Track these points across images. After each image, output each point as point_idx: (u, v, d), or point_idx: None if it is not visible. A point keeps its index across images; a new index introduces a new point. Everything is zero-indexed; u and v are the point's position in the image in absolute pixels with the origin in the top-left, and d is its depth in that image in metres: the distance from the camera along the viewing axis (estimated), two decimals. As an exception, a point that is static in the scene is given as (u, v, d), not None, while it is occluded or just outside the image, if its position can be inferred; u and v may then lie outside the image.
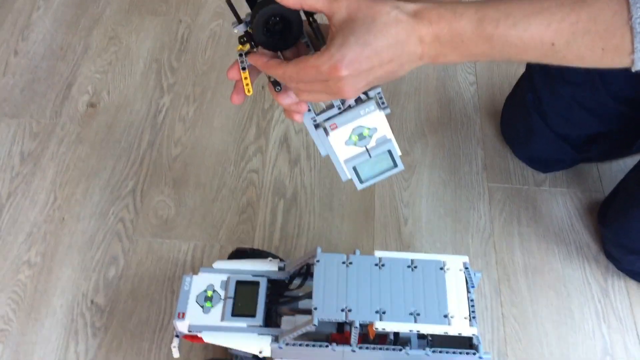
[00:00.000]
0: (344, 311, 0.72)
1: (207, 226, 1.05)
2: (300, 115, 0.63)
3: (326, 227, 1.05)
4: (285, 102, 0.61)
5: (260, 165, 1.13)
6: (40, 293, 0.96)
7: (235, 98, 0.62)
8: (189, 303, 0.77)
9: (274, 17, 0.56)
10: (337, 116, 0.64)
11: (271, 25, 0.56)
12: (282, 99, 0.61)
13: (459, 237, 1.04)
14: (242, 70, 0.60)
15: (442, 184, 1.10)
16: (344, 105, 0.63)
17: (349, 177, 0.67)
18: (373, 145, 0.65)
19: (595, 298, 0.97)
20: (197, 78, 1.25)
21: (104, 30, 1.32)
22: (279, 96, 0.61)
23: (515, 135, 1.12)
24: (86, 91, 1.22)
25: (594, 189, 1.09)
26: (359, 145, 0.65)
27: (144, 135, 1.16)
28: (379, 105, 0.63)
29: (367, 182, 0.67)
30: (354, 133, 0.64)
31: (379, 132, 0.64)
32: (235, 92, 0.62)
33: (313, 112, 0.64)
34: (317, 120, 0.64)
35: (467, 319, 0.72)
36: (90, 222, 1.04)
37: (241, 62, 0.60)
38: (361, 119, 0.63)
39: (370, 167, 0.66)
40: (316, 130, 0.65)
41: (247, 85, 0.61)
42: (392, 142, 0.65)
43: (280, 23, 0.56)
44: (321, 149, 0.66)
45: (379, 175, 0.67)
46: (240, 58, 0.60)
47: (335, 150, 0.65)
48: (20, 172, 1.10)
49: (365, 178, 0.67)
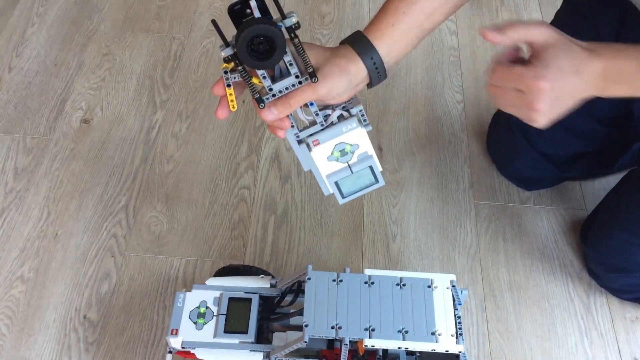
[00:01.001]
0: (334, 328, 0.74)
1: (199, 242, 1.06)
2: (283, 131, 0.65)
3: (316, 243, 1.07)
4: (269, 118, 0.63)
5: (252, 181, 1.14)
6: (34, 308, 0.97)
7: (220, 112, 0.64)
8: (182, 319, 0.78)
9: (258, 37, 0.56)
10: (319, 132, 0.65)
11: (255, 44, 0.57)
12: (266, 115, 0.62)
13: (446, 254, 1.06)
14: (227, 87, 0.62)
15: (430, 201, 1.13)
16: (326, 121, 0.65)
17: (331, 192, 0.68)
18: (355, 161, 0.67)
19: (578, 314, 1.00)
20: (189, 94, 1.27)
21: (97, 47, 1.34)
22: (262, 112, 0.62)
23: (500, 155, 1.14)
24: (80, 107, 1.24)
25: (577, 207, 1.12)
26: (341, 161, 0.67)
27: (137, 152, 1.17)
28: (361, 122, 0.66)
29: (348, 197, 0.69)
30: (336, 149, 0.66)
31: (360, 148, 0.66)
32: (220, 107, 0.64)
33: (296, 128, 0.65)
34: (300, 137, 0.66)
35: (454, 336, 0.74)
36: (83, 237, 1.06)
37: (226, 79, 0.61)
38: (343, 136, 0.65)
39: (352, 182, 0.68)
40: (299, 146, 0.66)
41: (232, 102, 0.63)
42: (374, 158, 0.67)
43: (265, 42, 0.57)
44: (304, 164, 0.67)
45: (361, 190, 0.69)
46: (225, 75, 0.61)
47: (317, 166, 0.66)
48: (13, 187, 1.11)
49: (347, 193, 0.68)
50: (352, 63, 0.64)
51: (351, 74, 0.64)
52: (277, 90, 0.62)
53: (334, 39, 1.37)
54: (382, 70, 0.66)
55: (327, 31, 1.39)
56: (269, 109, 0.62)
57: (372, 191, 1.11)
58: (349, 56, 0.64)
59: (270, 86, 0.61)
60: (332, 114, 0.65)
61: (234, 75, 0.61)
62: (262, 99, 0.61)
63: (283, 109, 0.62)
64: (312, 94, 0.62)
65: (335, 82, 0.63)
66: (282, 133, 0.65)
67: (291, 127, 0.65)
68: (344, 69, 0.63)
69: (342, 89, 0.64)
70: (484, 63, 1.34)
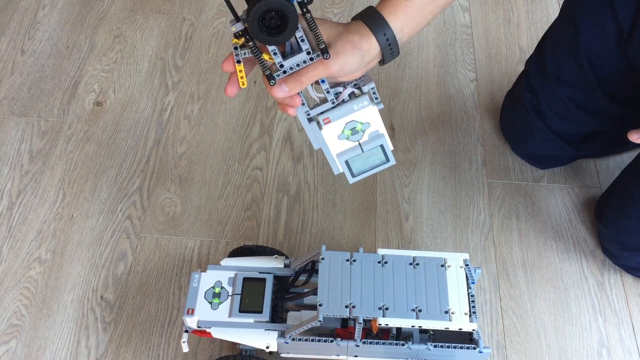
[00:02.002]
0: (348, 307, 0.75)
1: (213, 223, 1.07)
2: (294, 108, 0.64)
3: (329, 223, 1.07)
4: (279, 95, 0.62)
5: (264, 162, 1.15)
6: (51, 289, 0.99)
7: (230, 90, 0.64)
8: (197, 299, 0.79)
9: (270, 11, 0.55)
10: (330, 110, 0.65)
11: (267, 19, 0.56)
12: (276, 92, 0.62)
13: (459, 233, 1.06)
14: (237, 63, 0.61)
15: (443, 180, 1.13)
16: (337, 99, 0.65)
17: (341, 171, 0.67)
18: (365, 140, 0.66)
19: (592, 292, 1.00)
20: (201, 76, 1.27)
21: (109, 29, 1.34)
22: (273, 89, 0.62)
23: (513, 133, 1.14)
24: (92, 90, 1.24)
25: (592, 185, 1.12)
26: (352, 140, 0.66)
27: (150, 134, 1.18)
28: (372, 100, 0.65)
29: (359, 176, 0.68)
30: (347, 127, 0.65)
31: (371, 127, 0.66)
32: (230, 84, 0.63)
33: (307, 106, 0.65)
34: (310, 114, 0.65)
35: (468, 314, 0.75)
36: (98, 219, 1.07)
37: (236, 55, 0.60)
38: (354, 114, 0.64)
39: (362, 161, 0.67)
40: (309, 124, 0.66)
41: (241, 78, 0.62)
42: (385, 137, 0.66)
43: (276, 17, 0.56)
44: (314, 142, 0.67)
45: (371, 169, 0.68)
46: (236, 51, 0.60)
47: (328, 144, 0.66)
48: (29, 170, 1.12)
49: (357, 172, 0.67)
50: (364, 39, 0.63)
51: (364, 51, 0.63)
52: (288, 66, 0.61)
53: (345, 18, 1.36)
54: (395, 47, 0.65)
55: (338, 10, 1.37)
56: (280, 85, 0.61)
57: (385, 171, 1.12)
58: (361, 32, 0.63)
59: (281, 62, 0.61)
60: (344, 92, 0.65)
61: (244, 52, 0.60)
62: (273, 75, 0.61)
63: (294, 86, 0.62)
64: (324, 71, 0.61)
65: (347, 58, 0.62)
66: (293, 111, 0.64)
67: (302, 104, 0.65)
68: (357, 46, 0.62)
69: (355, 66, 0.63)
70: (496, 40, 1.33)
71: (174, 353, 0.93)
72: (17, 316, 0.96)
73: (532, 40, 1.32)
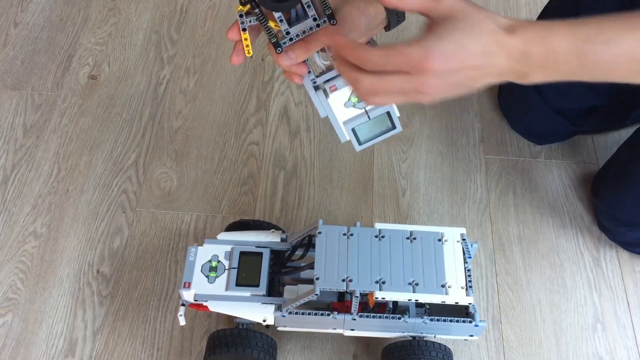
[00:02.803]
0: (345, 281, 0.75)
1: (209, 197, 1.07)
2: (300, 77, 0.63)
3: (326, 198, 1.07)
4: (286, 63, 0.61)
5: (261, 137, 1.14)
6: (47, 263, 0.99)
7: (235, 59, 0.62)
8: (194, 273, 0.79)
9: None
10: (336, 78, 0.64)
11: None
12: (283, 60, 0.61)
13: (456, 208, 1.06)
14: (243, 31, 0.60)
15: (440, 156, 1.12)
16: None
17: (348, 139, 0.67)
18: (372, 107, 0.65)
19: (587, 267, 1.00)
20: (197, 49, 1.26)
21: (103, 1, 1.32)
22: (279, 57, 0.60)
23: (512, 109, 1.13)
24: (87, 63, 1.23)
25: (589, 161, 1.11)
26: (358, 107, 0.65)
27: (145, 108, 1.17)
28: None
29: (365, 144, 0.67)
30: (353, 95, 0.64)
31: None
32: (235, 53, 0.62)
33: (313, 74, 0.64)
34: (317, 82, 0.64)
35: (464, 288, 0.75)
36: (94, 193, 1.06)
37: (241, 23, 0.59)
38: None
39: (368, 128, 0.66)
40: (316, 92, 0.65)
41: (247, 47, 0.61)
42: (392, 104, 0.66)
43: None
44: (320, 110, 0.66)
45: (378, 136, 0.67)
46: (241, 19, 0.59)
47: (334, 112, 0.65)
48: (23, 144, 1.11)
49: (364, 139, 0.67)
50: (371, 5, 0.62)
51: (370, 16, 0.62)
52: (294, 34, 0.60)
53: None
54: (402, 12, 0.64)
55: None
56: (287, 53, 0.60)
57: (382, 147, 1.12)
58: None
59: (287, 29, 0.60)
60: None
61: (250, 19, 0.59)
62: (280, 43, 0.60)
63: (300, 53, 0.60)
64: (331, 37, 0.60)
65: (354, 24, 0.61)
66: (299, 79, 0.63)
67: (308, 72, 0.64)
68: (363, 11, 0.61)
69: (361, 32, 0.62)
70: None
71: (171, 326, 0.93)
72: (13, 290, 0.96)
73: (531, 14, 1.31)
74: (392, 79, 0.52)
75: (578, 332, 0.94)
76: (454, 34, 0.51)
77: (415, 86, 0.52)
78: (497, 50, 0.52)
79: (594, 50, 0.52)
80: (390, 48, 0.51)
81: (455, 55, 0.51)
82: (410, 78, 0.52)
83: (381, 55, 0.51)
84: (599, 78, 0.54)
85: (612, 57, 0.52)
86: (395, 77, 0.52)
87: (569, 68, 0.53)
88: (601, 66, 0.53)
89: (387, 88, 0.53)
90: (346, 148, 1.12)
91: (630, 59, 0.52)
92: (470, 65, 0.52)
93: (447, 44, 0.51)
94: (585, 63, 0.52)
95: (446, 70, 0.51)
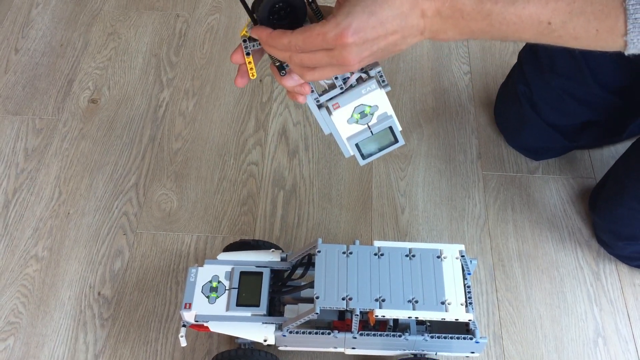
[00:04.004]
0: (345, 299, 0.75)
1: (209, 218, 1.07)
2: (304, 96, 0.64)
3: (325, 217, 1.08)
4: (289, 85, 0.62)
5: (260, 157, 1.15)
6: (49, 286, 0.99)
7: (240, 81, 0.64)
8: (195, 294, 0.80)
9: (279, 2, 0.57)
10: (339, 96, 0.65)
11: (276, 10, 0.58)
12: (287, 82, 0.62)
13: (455, 225, 1.07)
14: (247, 55, 0.62)
15: (438, 172, 1.13)
16: (345, 84, 0.65)
17: (352, 154, 0.69)
18: (374, 122, 0.67)
19: (587, 282, 1.00)
20: (196, 72, 1.27)
21: (102, 26, 1.34)
22: (283, 80, 0.62)
23: (507, 125, 1.14)
24: (87, 87, 1.24)
25: (586, 175, 1.12)
26: (361, 123, 0.67)
27: (145, 130, 1.18)
28: (380, 83, 0.66)
29: (369, 158, 0.69)
30: (355, 111, 0.66)
31: (380, 109, 0.67)
32: (240, 76, 0.64)
33: (316, 93, 0.66)
34: (320, 101, 0.66)
35: (464, 305, 0.75)
36: (95, 216, 1.07)
37: (245, 48, 0.62)
38: (363, 98, 0.65)
39: (372, 143, 0.68)
40: (319, 110, 0.67)
41: (251, 70, 0.63)
42: (393, 118, 0.67)
43: (285, 8, 0.58)
44: (324, 128, 0.68)
45: (381, 150, 0.69)
46: (245, 44, 0.61)
47: (338, 129, 0.67)
48: (25, 168, 1.12)
49: (368, 154, 0.69)
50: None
51: None
52: None
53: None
54: None
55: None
56: (291, 75, 0.62)
57: (380, 164, 1.12)
58: None
59: None
60: (351, 77, 0.65)
61: (253, 44, 0.61)
62: (283, 66, 0.62)
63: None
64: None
65: None
66: (303, 99, 0.65)
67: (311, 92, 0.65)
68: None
69: None
70: (490, 33, 1.33)
71: (172, 348, 0.93)
72: (15, 314, 0.96)
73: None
74: (317, 55, 0.56)
75: (579, 347, 0.94)
76: (361, 5, 0.53)
77: (338, 60, 0.55)
78: (410, 11, 0.53)
79: (499, 11, 0.53)
80: (309, 29, 0.54)
81: (369, 25, 0.53)
82: (333, 53, 0.55)
83: (303, 39, 0.55)
84: (510, 38, 0.55)
85: (517, 18, 0.53)
86: (320, 53, 0.55)
87: (478, 27, 0.54)
88: (508, 27, 0.54)
89: (316, 64, 0.57)
90: (345, 166, 1.12)
91: (536, 22, 0.53)
92: (387, 31, 0.54)
93: (360, 15, 0.53)
94: (493, 23, 0.54)
95: (363, 41, 0.54)
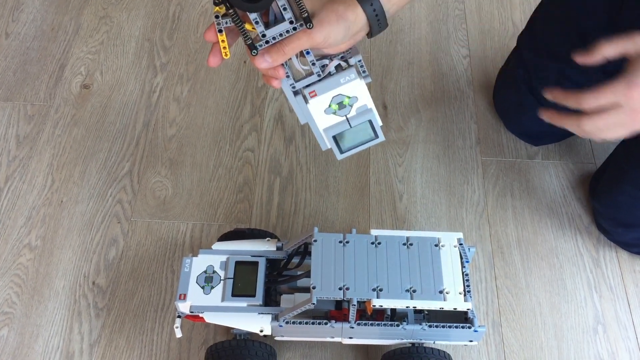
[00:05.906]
0: (342, 289, 0.74)
1: (205, 206, 1.06)
2: (278, 80, 0.62)
3: (322, 204, 1.06)
4: (262, 66, 0.60)
5: (256, 143, 1.13)
6: (42, 276, 0.98)
7: (212, 60, 0.62)
8: (189, 284, 0.78)
9: None
10: (316, 83, 0.63)
11: None
12: (259, 63, 0.60)
13: (453, 211, 1.05)
14: (219, 32, 0.59)
15: (436, 158, 1.11)
16: (323, 72, 0.63)
17: (329, 147, 0.66)
18: (353, 115, 0.64)
19: (587, 268, 0.99)
20: (190, 56, 1.25)
21: (94, 10, 1.31)
22: (255, 59, 0.60)
23: (506, 110, 1.12)
24: (79, 72, 1.22)
25: (586, 161, 1.11)
26: (339, 114, 0.64)
27: (139, 116, 1.16)
28: (360, 73, 0.63)
29: (347, 152, 0.66)
30: (333, 101, 0.63)
31: (359, 101, 0.64)
32: (212, 55, 0.61)
33: (292, 78, 0.63)
34: (296, 87, 0.63)
35: (462, 294, 0.74)
36: (88, 204, 1.05)
37: (217, 25, 0.59)
38: (341, 87, 0.63)
39: (350, 137, 0.65)
40: (295, 98, 0.64)
41: (224, 49, 0.60)
42: (373, 112, 0.64)
43: None
44: (300, 117, 0.65)
45: (360, 145, 0.66)
46: (217, 20, 0.58)
47: (314, 119, 0.64)
48: (17, 155, 1.10)
49: (346, 148, 0.66)
50: (350, 9, 0.61)
51: (349, 21, 0.60)
52: (270, 36, 0.59)
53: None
54: (383, 18, 0.62)
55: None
56: (262, 56, 0.60)
57: (378, 150, 1.11)
58: (347, 2, 0.61)
59: (263, 32, 0.59)
60: (330, 64, 0.63)
61: (226, 20, 0.59)
62: (255, 45, 0.59)
63: (277, 56, 0.60)
64: (307, 41, 0.59)
65: (332, 29, 0.60)
66: (277, 83, 0.63)
67: (286, 77, 0.63)
68: (342, 16, 0.60)
69: (340, 37, 0.61)
70: (489, 16, 1.31)
71: (168, 338, 0.92)
72: (9, 304, 0.95)
73: (525, 15, 1.31)
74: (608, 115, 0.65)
75: (579, 335, 0.93)
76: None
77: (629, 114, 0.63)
78: None
79: None
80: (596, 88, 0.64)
81: None
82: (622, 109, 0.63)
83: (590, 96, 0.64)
84: None
85: None
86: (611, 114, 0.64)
87: None
88: None
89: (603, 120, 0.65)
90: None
91: None
92: None
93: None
94: None
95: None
